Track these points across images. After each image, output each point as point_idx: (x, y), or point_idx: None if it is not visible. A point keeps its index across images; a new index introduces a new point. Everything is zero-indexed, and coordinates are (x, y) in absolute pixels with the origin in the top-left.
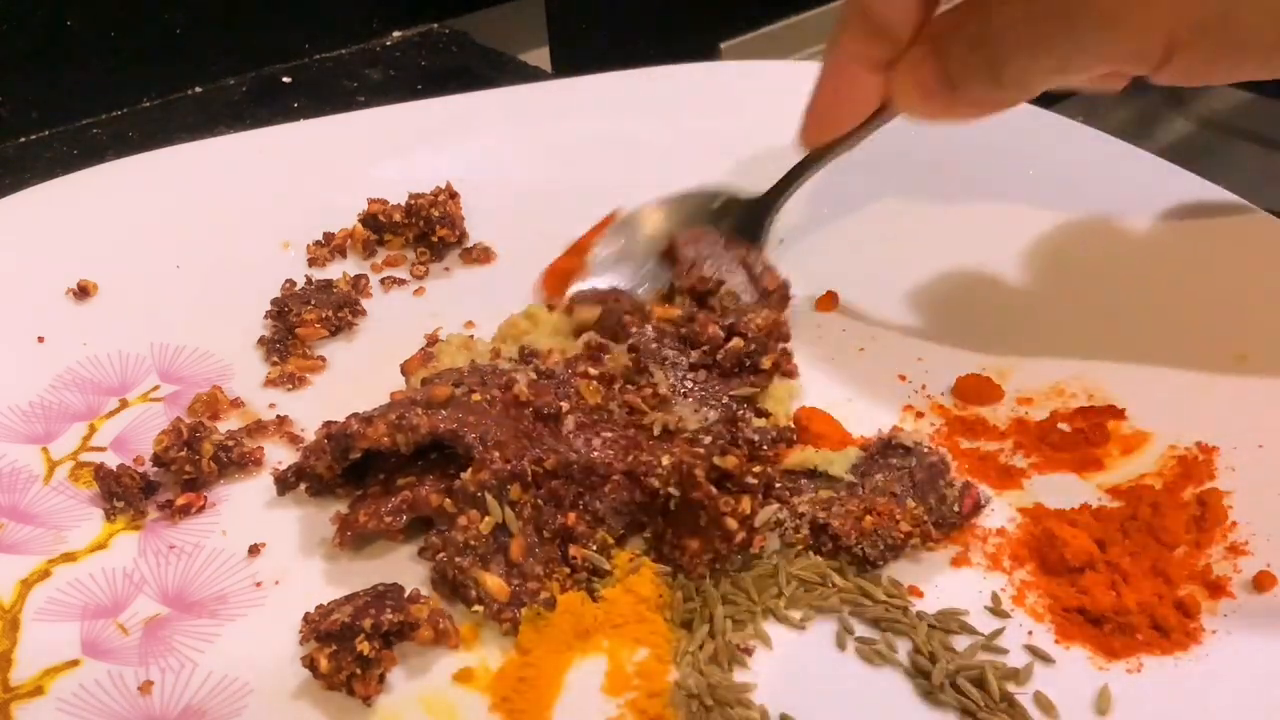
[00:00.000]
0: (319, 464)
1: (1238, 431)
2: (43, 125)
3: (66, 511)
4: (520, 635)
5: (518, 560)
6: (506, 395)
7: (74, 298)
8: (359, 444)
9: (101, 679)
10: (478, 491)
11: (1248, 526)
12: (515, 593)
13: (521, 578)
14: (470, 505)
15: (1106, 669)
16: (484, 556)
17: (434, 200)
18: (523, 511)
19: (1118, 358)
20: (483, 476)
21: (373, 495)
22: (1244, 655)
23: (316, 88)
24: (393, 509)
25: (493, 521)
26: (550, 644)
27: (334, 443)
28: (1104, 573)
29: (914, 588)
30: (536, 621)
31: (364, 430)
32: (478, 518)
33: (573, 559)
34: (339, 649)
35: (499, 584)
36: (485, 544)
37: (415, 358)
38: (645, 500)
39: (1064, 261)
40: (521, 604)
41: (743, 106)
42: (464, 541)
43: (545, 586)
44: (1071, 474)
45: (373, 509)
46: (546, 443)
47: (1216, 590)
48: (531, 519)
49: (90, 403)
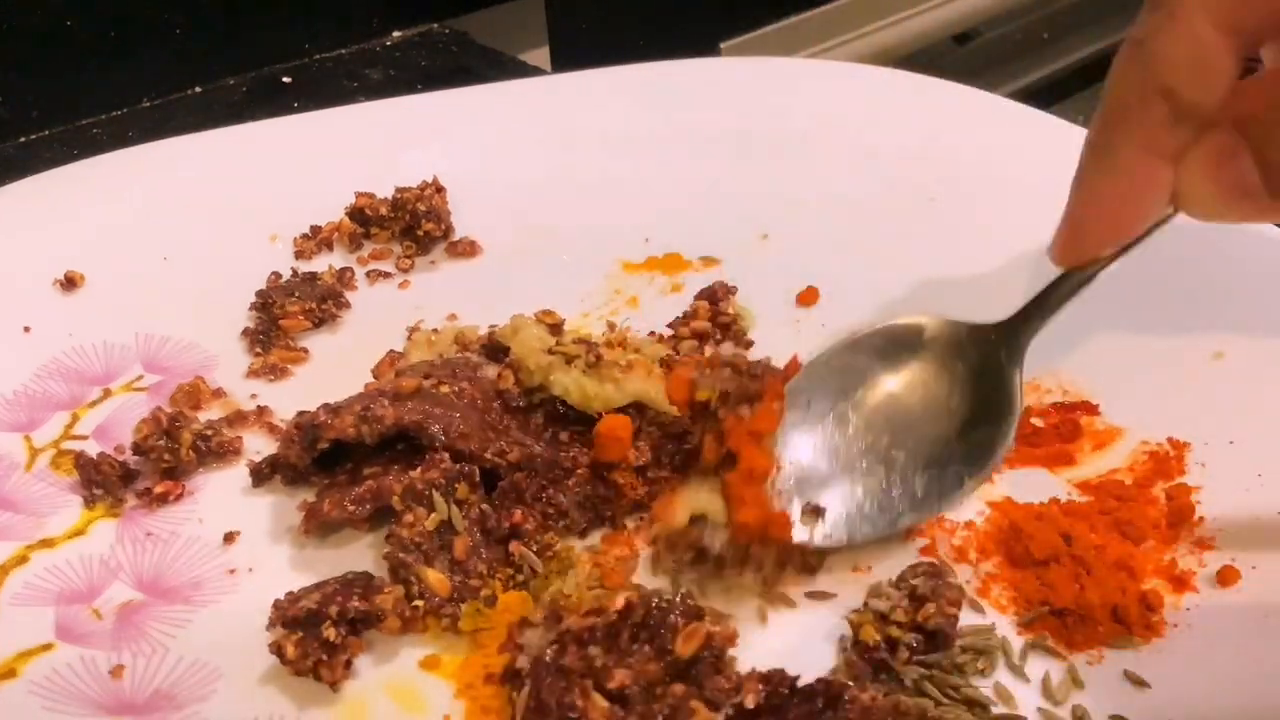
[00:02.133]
0: (291, 453)
1: (1210, 428)
2: (43, 125)
3: (47, 499)
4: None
5: (461, 558)
6: (475, 387)
7: (61, 288)
8: (326, 434)
9: (74, 663)
10: (425, 489)
11: (1215, 522)
12: (456, 589)
13: (464, 575)
14: (418, 502)
15: (1067, 660)
16: (428, 553)
17: (420, 194)
18: (470, 511)
19: (1094, 354)
20: (431, 475)
21: (338, 484)
22: (1205, 648)
23: (316, 88)
24: (356, 499)
25: (438, 519)
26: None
27: (303, 433)
28: (1069, 566)
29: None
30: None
31: (331, 421)
32: (424, 515)
33: (511, 554)
34: (305, 635)
35: (441, 579)
36: (430, 540)
37: (383, 361)
38: (608, 494)
39: (1042, 259)
40: (463, 600)
41: (738, 101)
42: (409, 538)
43: (487, 584)
44: (1043, 469)
45: (337, 498)
46: (513, 435)
47: (1180, 585)
48: (478, 519)
49: (74, 392)
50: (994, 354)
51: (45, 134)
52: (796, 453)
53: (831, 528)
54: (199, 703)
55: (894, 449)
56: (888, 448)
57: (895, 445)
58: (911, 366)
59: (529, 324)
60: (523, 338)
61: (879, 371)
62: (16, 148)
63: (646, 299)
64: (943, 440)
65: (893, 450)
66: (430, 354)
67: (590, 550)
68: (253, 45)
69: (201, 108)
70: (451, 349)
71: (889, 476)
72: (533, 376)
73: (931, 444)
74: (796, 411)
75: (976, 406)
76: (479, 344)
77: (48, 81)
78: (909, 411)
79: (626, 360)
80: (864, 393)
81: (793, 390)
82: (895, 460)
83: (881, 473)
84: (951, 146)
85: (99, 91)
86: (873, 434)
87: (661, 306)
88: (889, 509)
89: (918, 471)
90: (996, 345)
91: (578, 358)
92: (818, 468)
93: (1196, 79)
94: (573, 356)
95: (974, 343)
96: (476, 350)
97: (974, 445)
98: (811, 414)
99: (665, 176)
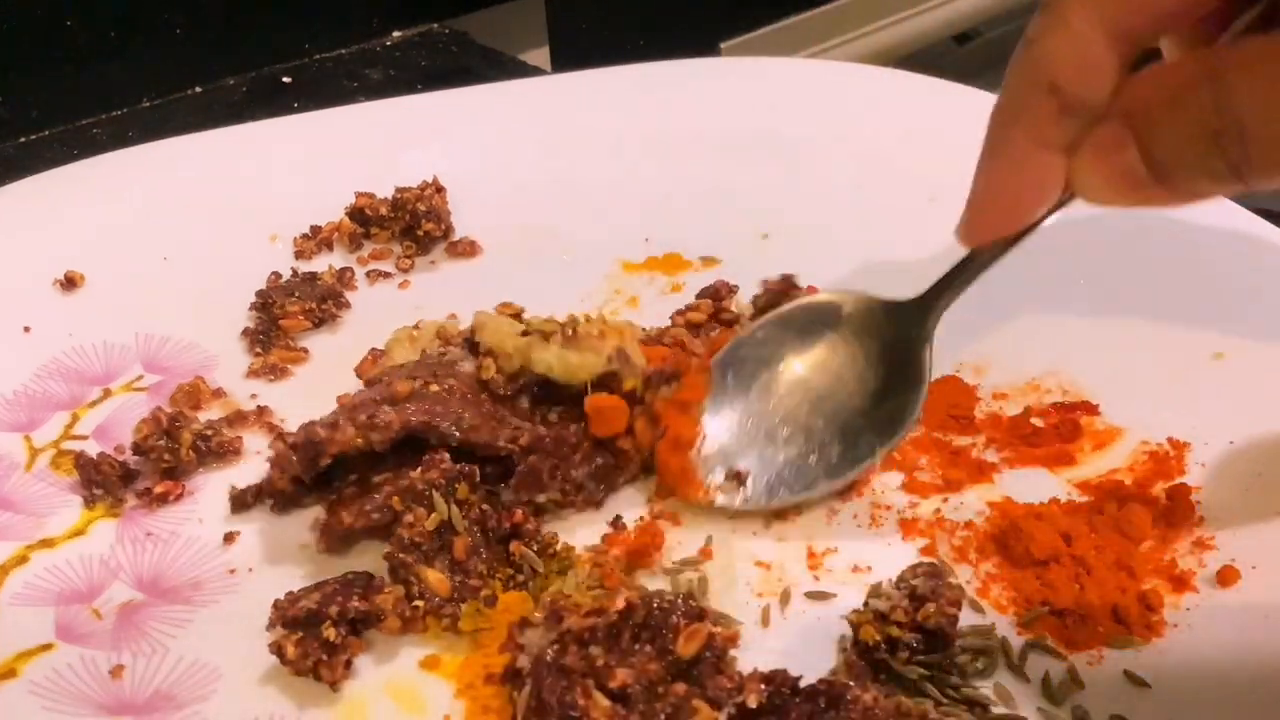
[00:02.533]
0: (286, 476)
1: (1211, 428)
2: (43, 125)
3: (46, 499)
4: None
5: (461, 558)
6: (461, 382)
7: (61, 288)
8: (329, 449)
9: (74, 663)
10: (425, 489)
11: (1215, 522)
12: (456, 589)
13: (464, 575)
14: (418, 503)
15: (1067, 660)
16: (428, 553)
17: (420, 194)
18: (470, 511)
19: (1094, 354)
20: (431, 475)
21: (349, 497)
22: (1205, 648)
23: (316, 88)
24: (379, 506)
25: (438, 519)
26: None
27: (302, 453)
28: (1068, 566)
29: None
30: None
31: (332, 435)
32: (424, 515)
33: (511, 554)
34: (305, 635)
35: (441, 579)
36: (430, 540)
37: (366, 360)
38: (615, 463)
39: (1042, 257)
40: (463, 600)
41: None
42: (409, 538)
43: (487, 584)
44: (1043, 469)
45: (355, 509)
46: (512, 421)
47: (1180, 584)
48: (478, 519)
49: (74, 392)
50: (905, 329)
51: (45, 134)
52: (721, 421)
53: (752, 492)
54: (199, 703)
55: (812, 417)
56: (806, 416)
57: (813, 414)
58: (829, 340)
59: (493, 316)
60: (492, 328)
61: (800, 345)
62: (16, 148)
63: (646, 299)
64: (857, 410)
65: (812, 418)
66: (413, 350)
67: (590, 550)
68: (253, 45)
69: (201, 108)
70: (434, 344)
71: (807, 444)
72: (513, 360)
73: (847, 413)
74: (723, 382)
75: (888, 378)
76: (461, 339)
77: (48, 81)
78: (826, 383)
79: (599, 330)
80: (785, 364)
81: (719, 363)
82: (814, 428)
83: (800, 441)
84: (951, 146)
85: (99, 91)
86: (792, 403)
87: (661, 306)
88: (806, 475)
89: (834, 439)
90: (908, 321)
91: (554, 333)
92: (741, 435)
93: (1081, 77)
94: (549, 333)
95: (888, 318)
96: (459, 344)
97: (885, 415)
98: (737, 385)
99: (665, 176)
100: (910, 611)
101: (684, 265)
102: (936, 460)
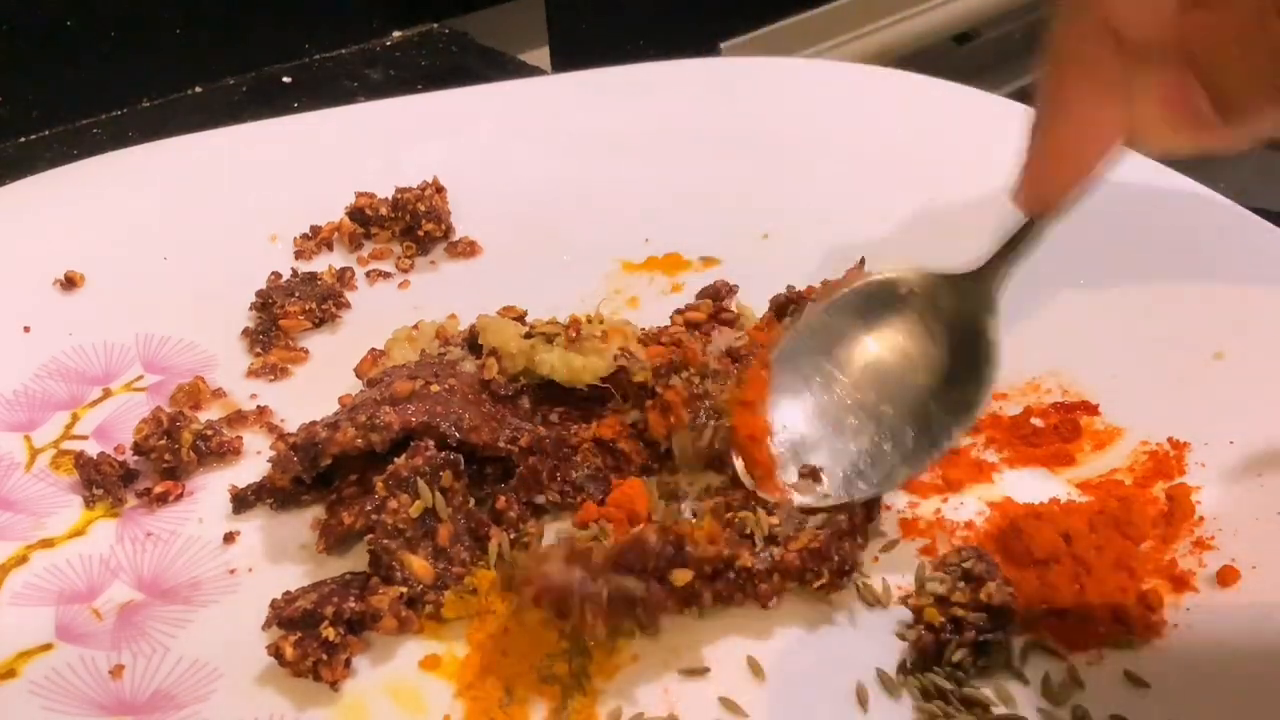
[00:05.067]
0: (287, 476)
1: (1210, 428)
2: (43, 125)
3: (47, 499)
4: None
5: (444, 545)
6: (462, 382)
7: (61, 288)
8: (329, 450)
9: (74, 662)
10: (410, 476)
11: (1215, 522)
12: (439, 575)
13: (447, 562)
14: (402, 490)
15: (1067, 660)
16: (411, 540)
17: (420, 194)
18: (453, 499)
19: (1094, 354)
20: (415, 462)
21: (349, 497)
22: (1205, 648)
23: (316, 88)
24: (379, 505)
25: (422, 506)
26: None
27: (303, 453)
28: (1069, 566)
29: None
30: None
31: (332, 435)
32: (408, 501)
33: (485, 539)
34: (303, 635)
35: (424, 566)
36: (414, 527)
37: (366, 359)
38: (615, 464)
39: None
40: (446, 587)
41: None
42: (393, 524)
43: (470, 571)
44: (1043, 469)
45: (355, 509)
46: (513, 422)
47: (1181, 584)
48: (462, 506)
49: (74, 392)
50: (970, 302)
51: (45, 134)
52: (787, 417)
53: (830, 487)
54: (199, 703)
55: (882, 404)
56: (875, 404)
57: (882, 400)
58: (891, 321)
59: (495, 319)
60: (496, 329)
61: (860, 330)
62: (16, 148)
63: (646, 299)
64: (927, 391)
65: (881, 406)
66: (413, 351)
67: (560, 535)
68: (253, 45)
69: (201, 108)
70: (434, 344)
71: (880, 432)
72: (515, 362)
73: (917, 396)
74: (783, 377)
75: (957, 355)
76: (461, 338)
77: (48, 81)
78: (892, 366)
79: (602, 330)
80: (847, 351)
81: (777, 357)
82: (884, 415)
83: (872, 429)
84: (951, 146)
85: (99, 91)
86: (860, 391)
87: (661, 306)
88: (883, 464)
89: (906, 424)
90: (970, 293)
91: (558, 335)
92: (809, 430)
93: (1140, 17)
94: (553, 335)
95: (949, 292)
96: (459, 344)
97: (958, 393)
98: (798, 378)
99: (665, 176)
100: (969, 591)
101: (684, 265)
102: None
